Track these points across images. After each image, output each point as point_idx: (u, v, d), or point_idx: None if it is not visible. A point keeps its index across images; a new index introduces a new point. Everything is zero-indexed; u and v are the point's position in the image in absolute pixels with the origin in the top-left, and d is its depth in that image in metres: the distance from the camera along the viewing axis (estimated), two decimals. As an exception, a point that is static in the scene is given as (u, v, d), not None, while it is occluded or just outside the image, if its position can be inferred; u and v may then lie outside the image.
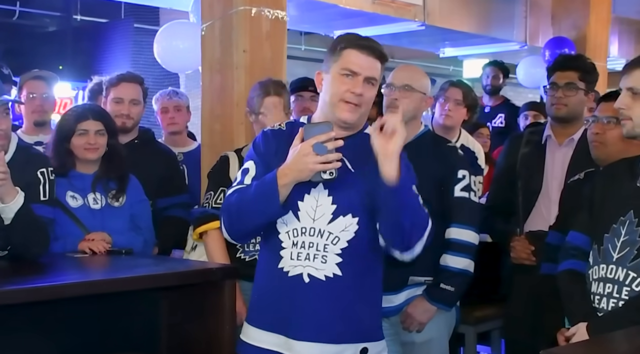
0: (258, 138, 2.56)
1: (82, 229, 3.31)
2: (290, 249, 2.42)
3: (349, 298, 2.42)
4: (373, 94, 2.46)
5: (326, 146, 2.29)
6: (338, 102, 2.42)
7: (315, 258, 2.40)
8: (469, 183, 3.15)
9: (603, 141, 3.08)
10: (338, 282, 2.40)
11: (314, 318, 2.40)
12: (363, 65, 2.41)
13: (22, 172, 2.99)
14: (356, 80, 2.40)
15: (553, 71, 3.63)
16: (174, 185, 3.94)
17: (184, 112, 4.68)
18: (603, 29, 7.86)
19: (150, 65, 7.71)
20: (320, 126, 2.34)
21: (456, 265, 3.11)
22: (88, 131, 3.37)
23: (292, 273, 2.41)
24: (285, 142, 2.45)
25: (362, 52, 2.42)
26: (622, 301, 2.48)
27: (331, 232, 2.40)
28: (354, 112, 2.42)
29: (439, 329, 3.19)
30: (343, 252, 2.40)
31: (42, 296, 2.55)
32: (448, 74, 11.79)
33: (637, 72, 2.49)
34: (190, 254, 3.44)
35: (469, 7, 7.18)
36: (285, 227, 2.43)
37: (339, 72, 2.42)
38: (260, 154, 2.51)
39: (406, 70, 3.34)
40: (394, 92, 3.19)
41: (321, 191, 2.41)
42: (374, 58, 2.43)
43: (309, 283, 2.40)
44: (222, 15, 4.10)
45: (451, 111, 4.30)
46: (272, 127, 2.58)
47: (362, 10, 6.10)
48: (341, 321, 2.42)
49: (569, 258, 2.73)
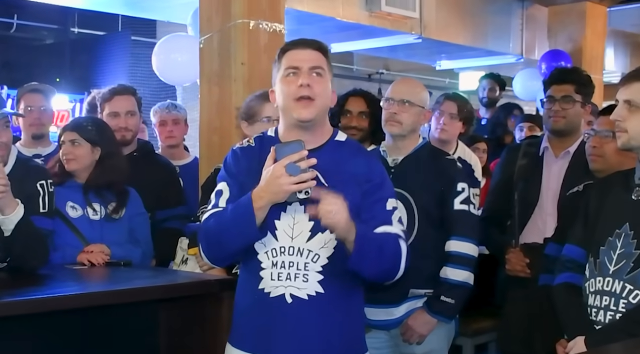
0: (228, 157, 2.53)
1: (81, 240, 3.33)
2: (270, 269, 2.38)
3: (333, 315, 2.39)
4: (325, 85, 2.41)
5: (299, 166, 2.24)
6: (290, 103, 2.38)
7: (296, 278, 2.36)
8: (468, 196, 3.17)
9: (601, 154, 3.08)
10: (321, 300, 2.36)
11: (297, 337, 2.37)
12: (301, 58, 2.40)
13: (21, 184, 3.00)
14: (299, 73, 2.38)
15: (549, 84, 3.65)
16: (172, 197, 3.95)
17: (181, 126, 4.69)
18: (599, 41, 7.90)
19: (148, 77, 7.74)
20: (292, 145, 2.28)
21: (456, 277, 3.12)
22: (65, 142, 3.44)
23: (274, 294, 2.37)
24: (256, 158, 2.42)
25: (297, 48, 2.43)
26: (619, 313, 2.48)
27: (310, 250, 2.37)
28: (308, 107, 2.36)
29: (439, 341, 3.20)
30: (324, 270, 2.37)
31: (41, 307, 2.56)
32: (444, 86, 11.81)
33: (635, 85, 2.50)
34: (180, 267, 3.39)
35: (465, 20, 7.22)
36: (264, 247, 2.39)
37: (283, 75, 2.41)
38: (232, 174, 2.47)
39: (405, 84, 3.35)
40: (393, 106, 3.21)
41: (297, 208, 2.37)
42: (310, 49, 2.43)
43: (291, 304, 2.36)
44: (220, 28, 4.13)
45: (446, 125, 4.29)
46: (241, 145, 2.53)
47: (359, 23, 6.13)
48: (326, 338, 2.39)
49: (565, 271, 2.73)
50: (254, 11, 4.08)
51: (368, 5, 6.08)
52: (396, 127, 3.20)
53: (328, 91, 2.43)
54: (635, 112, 2.48)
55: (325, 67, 2.43)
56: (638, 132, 2.48)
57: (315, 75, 2.39)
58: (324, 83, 2.41)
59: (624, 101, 2.52)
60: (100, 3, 6.11)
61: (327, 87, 2.42)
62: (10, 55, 8.75)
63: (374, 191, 2.42)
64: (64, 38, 9.25)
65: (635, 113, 2.48)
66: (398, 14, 6.25)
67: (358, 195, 2.38)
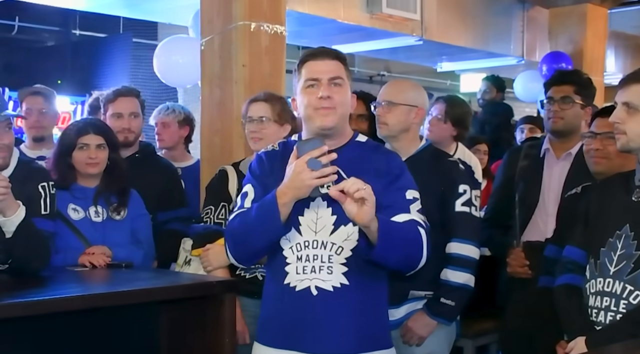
0: (253, 162, 2.61)
1: (83, 242, 3.33)
2: (295, 264, 2.44)
3: (358, 306, 2.44)
4: (345, 94, 2.49)
5: (320, 161, 2.29)
6: (312, 112, 2.46)
7: (321, 270, 2.42)
8: (469, 198, 3.17)
9: (605, 155, 3.08)
10: (346, 291, 2.42)
11: (325, 330, 2.42)
12: (320, 69, 2.47)
13: (23, 186, 3.00)
14: (319, 85, 2.45)
15: (549, 86, 3.67)
16: (174, 198, 3.95)
17: (172, 129, 4.63)
18: (599, 43, 7.91)
19: (149, 79, 7.75)
20: (312, 141, 2.35)
21: (457, 279, 3.12)
22: (89, 145, 3.39)
23: (300, 287, 2.43)
24: (279, 161, 2.50)
25: (316, 59, 2.49)
26: (619, 314, 2.49)
27: (334, 243, 2.42)
28: (329, 116, 2.45)
29: (439, 343, 3.20)
30: (348, 262, 2.42)
31: (43, 309, 2.56)
32: (445, 88, 11.83)
33: (633, 87, 2.51)
34: (183, 268, 3.39)
35: (466, 22, 7.22)
36: (289, 243, 2.45)
37: (303, 86, 2.48)
38: (257, 176, 2.55)
39: (389, 85, 3.35)
40: (378, 108, 3.24)
41: (320, 203, 2.43)
42: (329, 59, 2.49)
43: (317, 296, 2.42)
44: (221, 30, 4.13)
45: (432, 126, 4.34)
46: (266, 149, 2.62)
47: (360, 25, 6.14)
48: (352, 330, 2.43)
49: (566, 272, 2.74)
50: (255, 13, 4.09)
51: (369, 7, 6.09)
52: (383, 129, 3.22)
53: (347, 98, 2.51)
54: (634, 114, 2.49)
55: (343, 75, 2.50)
56: (637, 134, 2.49)
57: (334, 86, 2.46)
58: (344, 92, 2.49)
59: (622, 103, 2.52)
60: (102, 5, 6.12)
61: (346, 96, 2.50)
62: (12, 57, 8.76)
63: (393, 181, 2.48)
64: (65, 40, 9.26)
65: (633, 115, 2.49)
66: (399, 16, 6.26)
67: (379, 186, 2.40)
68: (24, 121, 4.27)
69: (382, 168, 2.49)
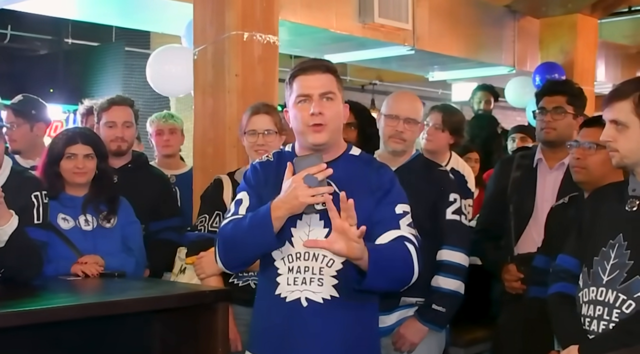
0: (248, 172, 2.62)
1: (74, 251, 3.32)
2: (286, 275, 2.45)
3: (347, 319, 2.44)
4: (336, 108, 2.48)
5: (317, 177, 2.30)
6: (304, 128, 2.46)
7: (311, 282, 2.43)
8: (460, 206, 3.21)
9: (585, 166, 3.09)
10: (336, 304, 2.42)
11: (314, 341, 2.42)
12: (311, 85, 2.46)
13: (16, 196, 3.00)
14: (311, 101, 2.44)
15: (541, 96, 3.68)
16: (166, 208, 3.95)
17: (178, 135, 4.72)
18: (590, 53, 7.94)
19: (141, 88, 7.75)
20: (310, 158, 2.36)
21: (447, 286, 3.14)
22: (76, 155, 3.39)
23: (290, 299, 2.43)
24: (274, 172, 2.51)
25: (307, 73, 2.47)
26: (612, 323, 2.49)
27: (325, 255, 2.43)
28: (321, 132, 2.44)
29: (429, 349, 3.23)
30: (339, 274, 2.43)
31: (35, 319, 2.55)
32: (437, 97, 11.85)
33: (617, 105, 2.52)
34: (178, 277, 3.40)
35: (457, 32, 7.24)
36: (281, 254, 2.46)
37: (295, 102, 2.48)
38: (252, 186, 2.55)
39: (408, 101, 3.36)
40: (400, 124, 3.24)
41: (313, 215, 2.42)
42: (320, 73, 2.47)
43: (307, 307, 2.42)
44: (214, 39, 4.13)
45: (431, 136, 4.34)
46: (260, 160, 2.62)
47: (352, 34, 6.15)
48: (341, 342, 2.44)
49: (559, 281, 2.74)
50: (247, 23, 4.09)
51: (361, 16, 6.10)
52: (401, 144, 3.26)
53: (339, 112, 2.50)
54: (623, 131, 2.50)
55: (335, 89, 2.49)
56: (629, 150, 2.51)
57: (326, 101, 2.46)
58: (335, 106, 2.48)
59: (610, 121, 2.54)
60: (94, 14, 6.10)
61: (338, 109, 2.49)
62: (4, 66, 8.75)
63: (383, 196, 2.48)
64: (57, 49, 9.25)
65: (622, 132, 2.50)
66: (391, 26, 6.27)
67: (371, 203, 2.43)
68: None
69: (373, 183, 2.49)
